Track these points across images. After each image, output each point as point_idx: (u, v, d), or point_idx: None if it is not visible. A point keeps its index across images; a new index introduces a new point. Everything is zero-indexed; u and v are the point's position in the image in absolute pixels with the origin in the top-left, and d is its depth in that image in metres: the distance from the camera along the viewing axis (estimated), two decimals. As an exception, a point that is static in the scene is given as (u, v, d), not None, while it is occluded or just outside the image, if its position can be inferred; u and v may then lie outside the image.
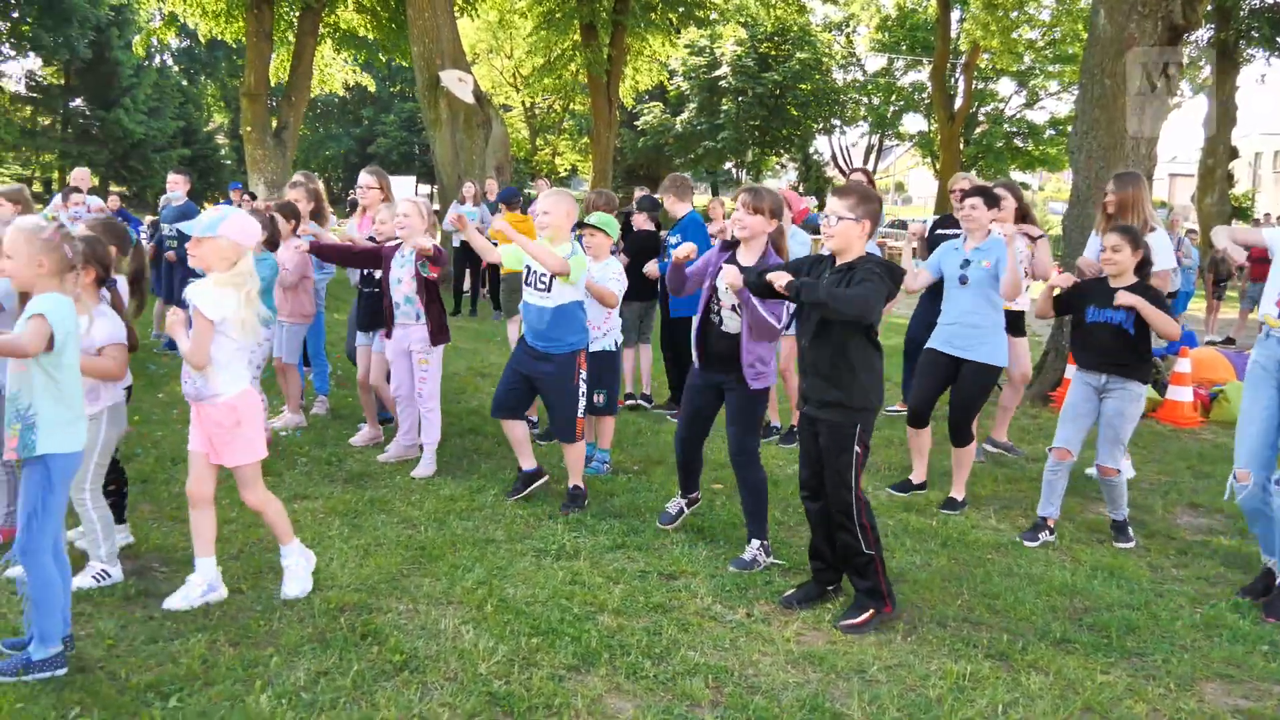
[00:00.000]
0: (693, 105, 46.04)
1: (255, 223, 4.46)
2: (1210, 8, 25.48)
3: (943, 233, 7.75)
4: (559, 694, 3.73)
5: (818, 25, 46.83)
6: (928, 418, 6.46)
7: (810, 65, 43.89)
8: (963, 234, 6.42)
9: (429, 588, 4.68)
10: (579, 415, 6.03)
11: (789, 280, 4.29)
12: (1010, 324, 6.97)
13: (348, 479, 6.40)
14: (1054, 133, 41.96)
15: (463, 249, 14.54)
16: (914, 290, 6.76)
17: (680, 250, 5.03)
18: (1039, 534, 5.77)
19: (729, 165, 49.84)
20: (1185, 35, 9.62)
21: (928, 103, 42.77)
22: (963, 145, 39.78)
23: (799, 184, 47.61)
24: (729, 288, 4.79)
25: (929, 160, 45.55)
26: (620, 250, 7.92)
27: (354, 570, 4.84)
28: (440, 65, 17.02)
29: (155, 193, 35.83)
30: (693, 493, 5.70)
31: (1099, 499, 6.55)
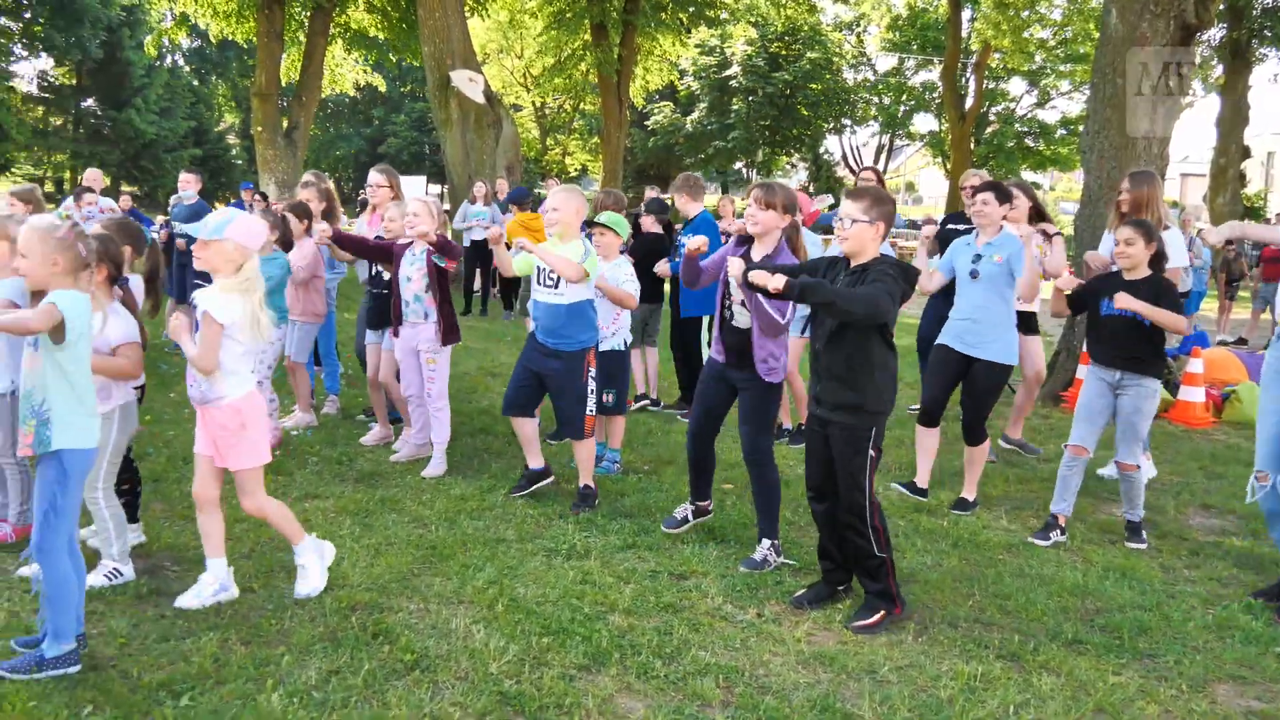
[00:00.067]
0: (703, 105, 46.09)
1: (261, 226, 4.45)
2: (1223, 7, 25.40)
3: (953, 228, 7.74)
4: (570, 693, 3.73)
5: (828, 25, 46.85)
6: (939, 418, 6.43)
7: (821, 65, 43.94)
8: (974, 230, 6.42)
9: (440, 587, 4.69)
10: (588, 413, 6.04)
11: (786, 281, 4.23)
12: (1023, 323, 6.96)
13: (359, 478, 6.42)
14: (1065, 132, 41.92)
15: (473, 248, 14.56)
16: (929, 291, 6.76)
17: (692, 243, 5.02)
18: (1050, 533, 5.76)
19: (739, 165, 49.85)
20: (1197, 34, 9.60)
21: (938, 102, 42.75)
22: (974, 145, 39.70)
23: (809, 184, 47.53)
24: (733, 279, 4.78)
25: (940, 160, 45.56)
26: (626, 251, 7.91)
27: (365, 569, 4.85)
28: (451, 65, 17.03)
29: (166, 193, 35.87)
30: (703, 500, 5.62)
31: (1111, 500, 6.55)
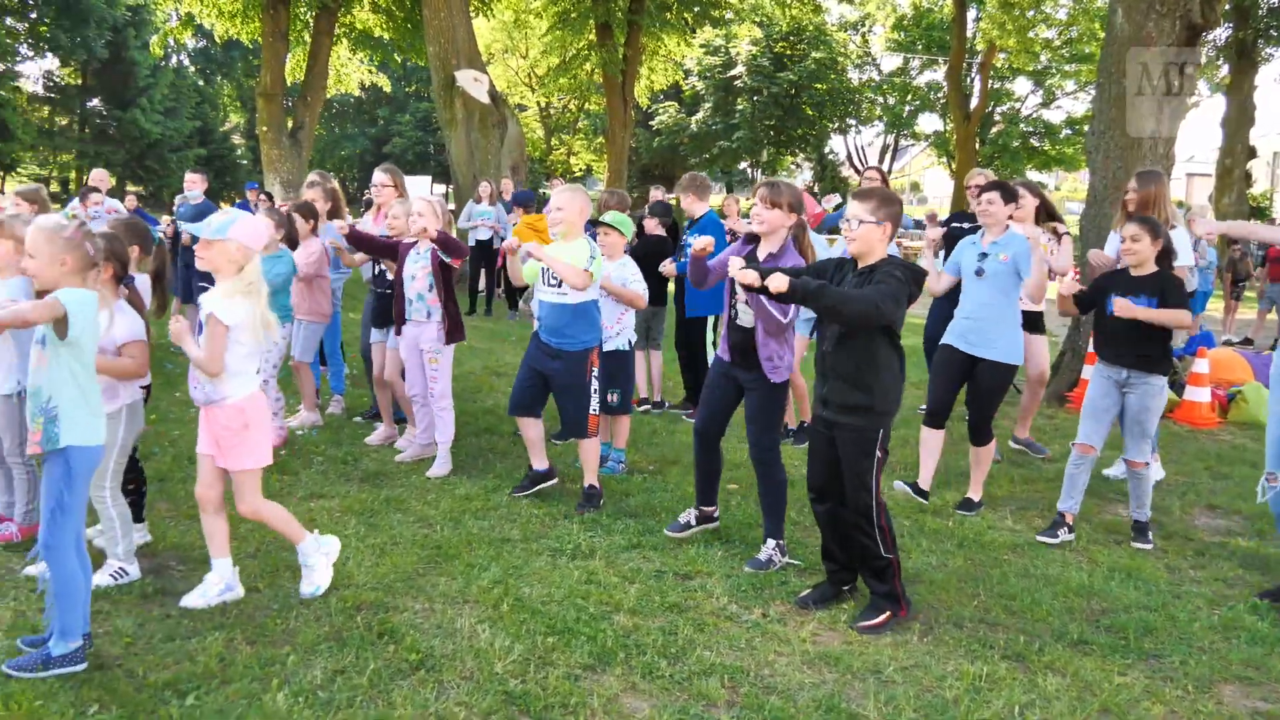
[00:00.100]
0: (708, 105, 46.02)
1: (264, 227, 4.47)
2: (1228, 7, 25.38)
3: (958, 226, 7.74)
4: (575, 693, 3.74)
5: (833, 25, 46.77)
6: (945, 419, 6.39)
7: (826, 65, 43.83)
8: (980, 229, 6.40)
9: (445, 587, 4.69)
10: (592, 412, 6.04)
11: (790, 282, 4.23)
12: (1028, 322, 6.95)
13: (364, 478, 6.42)
14: (1070, 132, 41.82)
15: (478, 248, 14.57)
16: (938, 293, 6.75)
17: (698, 244, 5.01)
18: (1058, 531, 5.75)
19: (744, 165, 49.79)
20: (1203, 34, 9.57)
21: (943, 102, 42.68)
22: (979, 145, 39.66)
23: (814, 184, 47.51)
24: (733, 276, 4.75)
25: (945, 160, 45.48)
26: (628, 253, 7.90)
27: (370, 569, 4.86)
28: (456, 65, 17.05)
29: (171, 192, 36.04)
30: (709, 506, 5.56)
31: (1116, 500, 6.54)
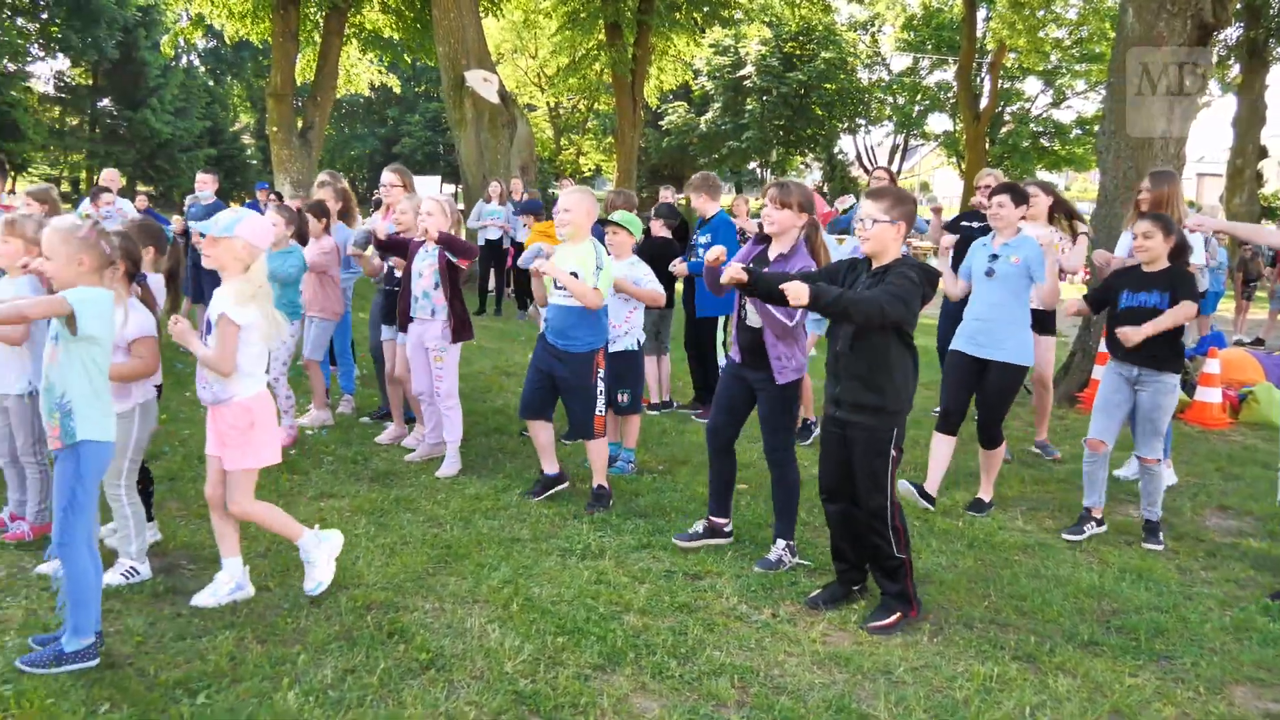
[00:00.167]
0: (717, 105, 46.01)
1: (270, 226, 4.50)
2: (1240, 6, 25.28)
3: (967, 225, 7.74)
4: (585, 693, 3.74)
5: (843, 25, 46.71)
6: (959, 423, 6.31)
7: (835, 65, 43.80)
8: (991, 231, 6.39)
9: (455, 586, 4.70)
10: (599, 412, 6.04)
11: (809, 290, 4.19)
12: (1037, 323, 6.93)
13: (374, 477, 6.43)
14: (1080, 132, 41.70)
15: (488, 248, 14.58)
16: (956, 298, 6.74)
17: (711, 254, 4.99)
18: (1084, 526, 5.78)
19: (753, 165, 49.76)
20: (1214, 34, 9.54)
21: (953, 102, 42.59)
22: (988, 145, 39.56)
23: (824, 184, 47.44)
24: (731, 281, 4.69)
25: (954, 160, 45.38)
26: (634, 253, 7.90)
27: (380, 569, 4.86)
28: (465, 65, 17.06)
29: (181, 192, 36.01)
30: (721, 518, 5.44)
31: (1127, 501, 6.52)
